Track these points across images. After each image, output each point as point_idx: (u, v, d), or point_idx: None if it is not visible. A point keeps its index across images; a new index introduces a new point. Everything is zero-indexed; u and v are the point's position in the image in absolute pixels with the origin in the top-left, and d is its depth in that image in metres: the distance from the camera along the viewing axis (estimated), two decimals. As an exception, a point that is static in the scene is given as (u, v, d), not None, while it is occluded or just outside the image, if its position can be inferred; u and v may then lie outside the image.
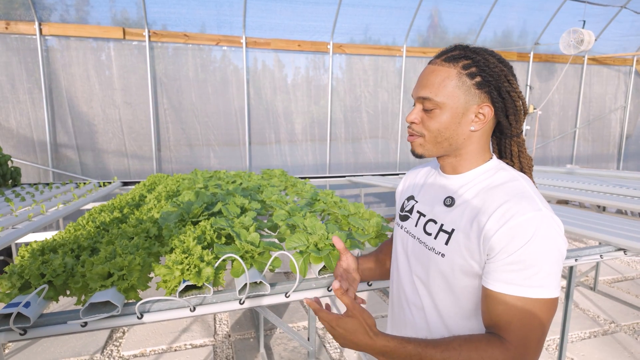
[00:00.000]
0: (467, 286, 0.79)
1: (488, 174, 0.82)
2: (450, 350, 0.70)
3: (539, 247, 0.69)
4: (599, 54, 6.63)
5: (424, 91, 0.81)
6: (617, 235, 1.92)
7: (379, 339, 0.71)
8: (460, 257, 0.77)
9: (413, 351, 0.71)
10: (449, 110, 0.79)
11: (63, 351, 2.62)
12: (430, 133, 0.82)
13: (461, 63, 0.79)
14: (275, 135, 5.42)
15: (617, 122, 7.12)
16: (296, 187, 2.91)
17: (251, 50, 5.11)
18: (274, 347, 2.73)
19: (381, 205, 6.19)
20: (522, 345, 0.69)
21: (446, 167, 0.89)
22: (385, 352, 0.72)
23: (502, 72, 0.79)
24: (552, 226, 0.71)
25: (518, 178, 0.80)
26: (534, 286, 0.69)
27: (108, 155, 4.80)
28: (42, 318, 1.07)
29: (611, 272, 4.19)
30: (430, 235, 0.85)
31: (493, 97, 0.80)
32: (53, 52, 4.43)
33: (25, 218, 2.17)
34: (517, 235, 0.70)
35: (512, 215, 0.71)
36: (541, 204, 0.73)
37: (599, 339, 2.86)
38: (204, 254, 1.24)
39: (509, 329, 0.70)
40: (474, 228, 0.75)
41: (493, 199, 0.75)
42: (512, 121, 0.84)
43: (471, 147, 0.83)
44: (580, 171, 4.63)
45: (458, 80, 0.79)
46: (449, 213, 0.82)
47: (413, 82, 5.86)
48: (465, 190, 0.82)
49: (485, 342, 0.71)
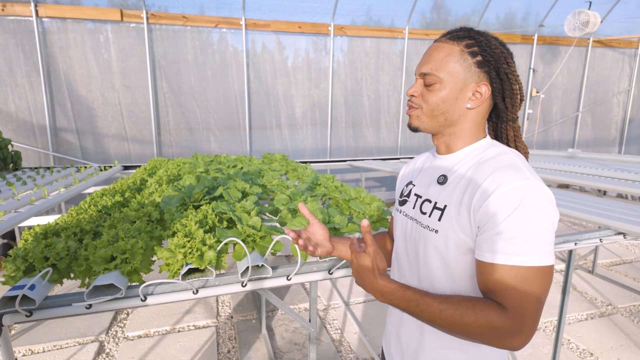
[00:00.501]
0: (461, 262, 0.80)
1: (479, 151, 0.84)
2: (448, 303, 0.73)
3: (526, 215, 0.69)
4: (604, 36, 6.51)
5: (426, 67, 0.84)
6: (616, 219, 1.93)
7: (381, 279, 0.76)
8: (453, 232, 0.78)
9: (412, 296, 0.75)
10: (448, 85, 0.82)
11: (68, 332, 2.67)
12: (428, 106, 0.84)
13: (464, 42, 0.82)
14: (275, 119, 5.38)
15: (620, 105, 7.05)
16: (297, 172, 2.91)
17: (251, 32, 5.03)
18: (275, 328, 2.78)
19: (382, 190, 6.20)
20: (519, 312, 0.70)
21: (441, 147, 0.91)
22: (384, 293, 0.76)
23: (502, 54, 0.82)
24: (540, 194, 0.71)
25: (507, 152, 0.81)
26: (524, 254, 0.70)
27: (108, 139, 4.78)
28: (47, 300, 1.08)
29: (610, 255, 4.22)
30: (425, 214, 0.86)
31: (492, 77, 0.82)
32: (50, 35, 4.36)
33: (28, 202, 2.18)
34: (504, 204, 0.70)
35: (498, 185, 0.72)
36: (529, 174, 0.73)
37: (595, 321, 2.90)
38: (206, 238, 1.25)
39: (504, 296, 0.71)
40: (464, 202, 0.77)
41: (482, 173, 0.77)
42: (508, 104, 0.86)
43: (465, 125, 0.85)
44: (582, 155, 4.61)
45: (460, 57, 0.82)
46: (443, 191, 0.84)
47: (415, 65, 5.77)
48: (458, 167, 0.85)
49: (483, 303, 0.72)
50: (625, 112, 7.07)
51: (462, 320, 0.71)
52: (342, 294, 3.32)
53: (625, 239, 1.86)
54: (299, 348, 2.55)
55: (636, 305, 3.14)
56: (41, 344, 2.54)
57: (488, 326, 0.70)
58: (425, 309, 0.74)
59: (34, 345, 2.52)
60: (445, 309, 0.73)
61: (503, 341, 0.71)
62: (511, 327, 0.70)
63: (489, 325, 0.70)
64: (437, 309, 0.73)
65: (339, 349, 2.55)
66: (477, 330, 0.71)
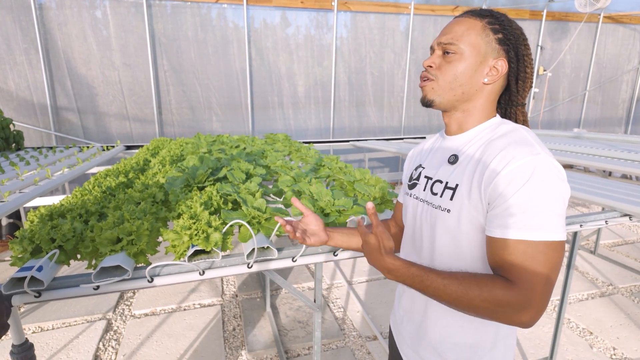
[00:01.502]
0: (473, 240, 0.80)
1: (490, 129, 0.84)
2: (452, 279, 0.74)
3: (536, 189, 0.69)
4: (615, 12, 6.32)
5: (447, 37, 0.83)
6: (622, 201, 1.91)
7: (388, 257, 0.80)
8: (466, 211, 0.78)
9: (416, 272, 0.77)
10: (468, 57, 0.81)
11: (76, 310, 2.73)
12: (445, 77, 0.83)
13: (487, 19, 0.83)
14: (278, 98, 5.32)
15: (629, 84, 6.92)
16: (300, 152, 2.89)
17: (252, 7, 4.91)
18: (279, 306, 2.83)
19: (385, 170, 6.18)
20: (527, 287, 0.69)
21: (452, 125, 0.90)
22: (391, 270, 0.79)
23: (522, 36, 0.84)
24: (550, 169, 0.70)
25: (518, 129, 0.81)
26: (533, 228, 0.69)
27: (110, 118, 4.75)
28: (55, 281, 1.09)
29: (612, 235, 4.23)
30: (436, 195, 0.86)
31: (510, 56, 0.83)
32: (47, 11, 4.27)
33: (32, 182, 2.18)
34: (514, 178, 0.70)
35: (509, 161, 0.71)
36: (540, 149, 0.72)
37: (596, 300, 2.94)
38: (211, 220, 1.24)
39: (512, 270, 0.71)
40: (475, 179, 0.77)
41: (492, 149, 0.77)
42: (520, 87, 0.86)
43: (480, 101, 0.85)
44: (588, 135, 4.56)
45: (482, 31, 0.82)
46: (454, 170, 0.84)
47: (420, 42, 5.65)
48: (469, 146, 0.84)
49: (488, 277, 0.72)
50: (634, 91, 6.95)
51: (466, 295, 0.72)
52: (345, 273, 3.36)
53: (631, 221, 1.86)
54: (302, 326, 2.59)
55: (637, 285, 3.17)
56: (50, 321, 2.59)
57: (492, 300, 0.70)
58: (429, 285, 0.75)
59: (42, 323, 2.58)
60: (449, 284, 0.73)
61: (510, 316, 0.70)
62: (517, 302, 0.69)
63: (493, 299, 0.70)
64: (441, 284, 0.74)
65: (342, 327, 2.59)
66: (481, 304, 0.71)
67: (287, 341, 2.44)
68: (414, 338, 0.94)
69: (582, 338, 2.50)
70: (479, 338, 0.85)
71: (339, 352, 2.36)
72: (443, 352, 0.88)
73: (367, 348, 2.39)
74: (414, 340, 0.95)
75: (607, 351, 2.38)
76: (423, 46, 5.66)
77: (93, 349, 2.34)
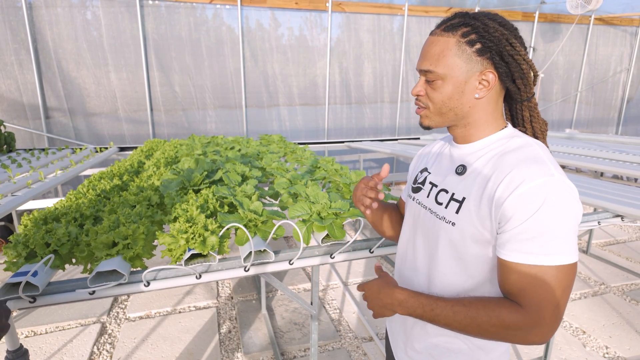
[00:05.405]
0: (478, 255, 0.79)
1: (501, 142, 0.81)
2: (460, 306, 0.74)
3: (551, 214, 0.68)
4: (606, 14, 6.41)
5: (424, 64, 0.81)
6: (614, 202, 1.93)
7: (397, 289, 0.82)
8: (471, 226, 0.77)
9: (425, 301, 0.78)
10: (451, 80, 0.78)
11: (70, 314, 2.70)
12: (435, 105, 0.82)
13: (460, 31, 0.77)
14: (272, 98, 5.31)
15: (620, 85, 7.01)
16: (296, 154, 2.89)
17: (246, 8, 4.89)
18: (275, 308, 2.82)
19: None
20: (536, 311, 0.69)
21: (457, 137, 0.88)
22: (402, 301, 0.81)
23: (503, 36, 0.77)
24: (564, 191, 0.69)
25: (532, 144, 0.78)
26: (549, 254, 0.68)
27: (102, 119, 4.70)
28: (50, 286, 1.08)
29: (604, 235, 4.28)
30: (441, 205, 0.84)
31: (495, 62, 0.78)
32: (37, 10, 4.22)
33: (24, 185, 2.15)
34: (527, 202, 0.69)
35: (522, 181, 0.70)
36: (554, 169, 0.71)
37: (589, 300, 2.97)
38: (208, 223, 1.24)
39: (522, 295, 0.71)
40: (485, 195, 0.75)
41: (504, 166, 0.74)
42: (520, 85, 0.82)
43: (478, 115, 0.82)
44: (580, 136, 4.61)
45: (457, 49, 0.77)
46: (461, 182, 0.82)
47: (414, 43, 5.68)
48: (477, 158, 0.82)
49: (495, 302, 0.73)
50: (624, 92, 7.04)
51: (475, 321, 0.72)
52: (340, 274, 3.36)
53: (623, 222, 1.88)
54: (298, 327, 2.59)
55: (628, 284, 3.21)
56: (43, 325, 2.56)
57: (501, 324, 0.70)
58: (439, 313, 0.75)
59: (36, 327, 2.54)
60: (458, 311, 0.73)
61: (521, 338, 0.71)
62: (526, 324, 0.69)
63: (501, 324, 0.70)
64: (450, 311, 0.74)
65: (338, 329, 2.60)
66: (491, 329, 0.71)
67: (283, 343, 2.43)
68: (408, 343, 0.95)
69: (576, 337, 2.53)
70: (472, 343, 0.86)
71: (335, 353, 2.36)
72: (437, 356, 0.89)
73: (363, 349, 2.39)
74: (407, 345, 0.95)
75: (600, 350, 2.41)
76: (417, 47, 5.68)
77: (87, 352, 2.32)
